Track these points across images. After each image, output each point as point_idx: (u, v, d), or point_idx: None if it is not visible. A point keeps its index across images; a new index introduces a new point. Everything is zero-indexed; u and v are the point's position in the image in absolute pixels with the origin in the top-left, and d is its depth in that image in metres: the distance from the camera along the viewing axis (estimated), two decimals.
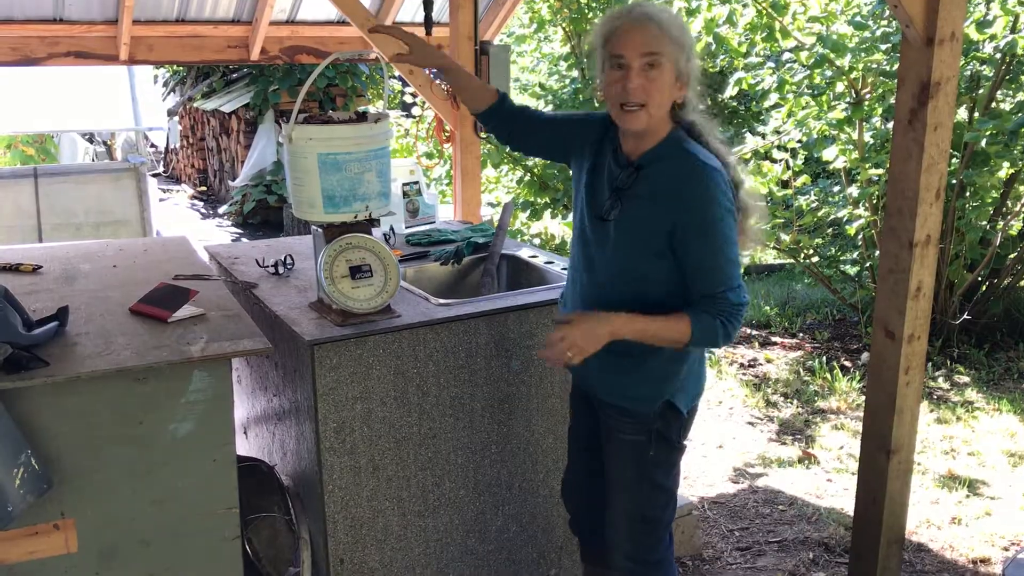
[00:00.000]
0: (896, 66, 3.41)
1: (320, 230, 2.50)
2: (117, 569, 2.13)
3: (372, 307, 2.44)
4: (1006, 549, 3.35)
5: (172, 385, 2.08)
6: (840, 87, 5.27)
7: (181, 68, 12.76)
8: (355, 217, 2.44)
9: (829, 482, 3.91)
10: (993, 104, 5.08)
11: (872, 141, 5.38)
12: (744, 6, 5.40)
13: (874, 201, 5.28)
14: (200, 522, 2.19)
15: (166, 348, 2.11)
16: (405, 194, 3.60)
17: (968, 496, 3.75)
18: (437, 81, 4.65)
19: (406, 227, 3.60)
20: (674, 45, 2.00)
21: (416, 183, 3.65)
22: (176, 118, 13.78)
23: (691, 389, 2.21)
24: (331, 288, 2.39)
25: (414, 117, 7.55)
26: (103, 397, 2.03)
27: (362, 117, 2.46)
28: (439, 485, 2.61)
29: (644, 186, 2.07)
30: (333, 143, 2.36)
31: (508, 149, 2.49)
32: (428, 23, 4.46)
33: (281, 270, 2.97)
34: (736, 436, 4.42)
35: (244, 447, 3.18)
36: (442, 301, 2.65)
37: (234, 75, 12.01)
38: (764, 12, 5.28)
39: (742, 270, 2.10)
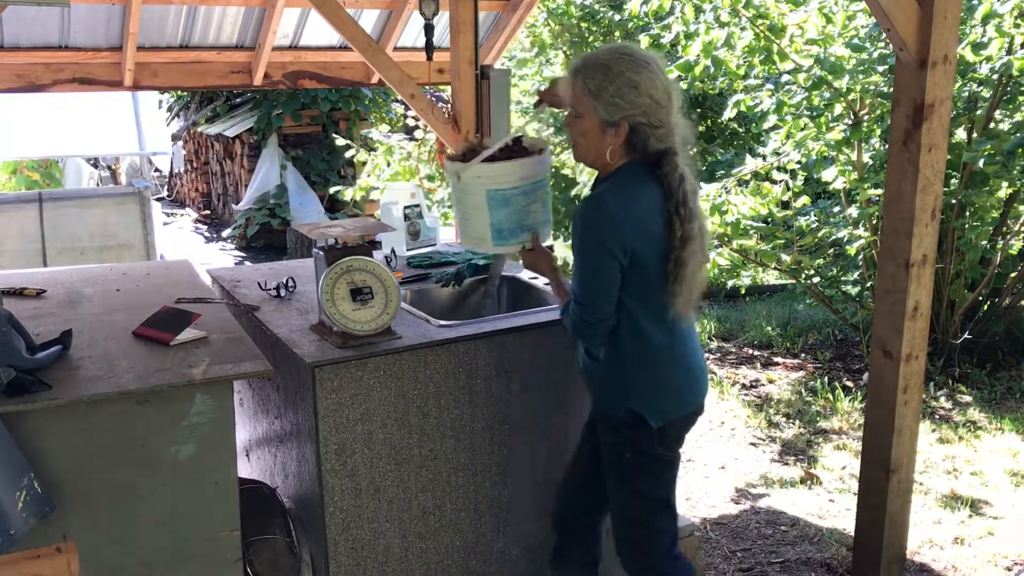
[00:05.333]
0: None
1: (321, 253, 2.52)
2: None
3: (373, 329, 2.46)
4: (1009, 569, 3.34)
5: (174, 408, 2.10)
6: (838, 108, 5.30)
7: (185, 93, 12.85)
8: (523, 247, 2.51)
9: (831, 502, 3.90)
10: (991, 124, 5.11)
11: (871, 162, 5.40)
12: (742, 29, 5.44)
13: (874, 221, 5.30)
14: (202, 544, 2.19)
15: (168, 371, 2.12)
16: (406, 216, 3.62)
17: (971, 516, 3.74)
18: (439, 105, 4.69)
19: (407, 249, 3.62)
20: (591, 98, 2.11)
21: (417, 206, 3.68)
22: (180, 142, 13.88)
23: (659, 404, 2.23)
24: (332, 310, 2.41)
25: (416, 140, 7.60)
26: (106, 420, 2.04)
27: (518, 145, 2.52)
28: (440, 507, 2.62)
29: None
30: (501, 179, 2.42)
31: None
32: (429, 48, 4.52)
33: (283, 293, 2.99)
34: (738, 457, 4.42)
35: (246, 469, 3.18)
36: (443, 323, 2.66)
37: (238, 100, 12.09)
38: (762, 35, 5.32)
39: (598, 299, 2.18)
